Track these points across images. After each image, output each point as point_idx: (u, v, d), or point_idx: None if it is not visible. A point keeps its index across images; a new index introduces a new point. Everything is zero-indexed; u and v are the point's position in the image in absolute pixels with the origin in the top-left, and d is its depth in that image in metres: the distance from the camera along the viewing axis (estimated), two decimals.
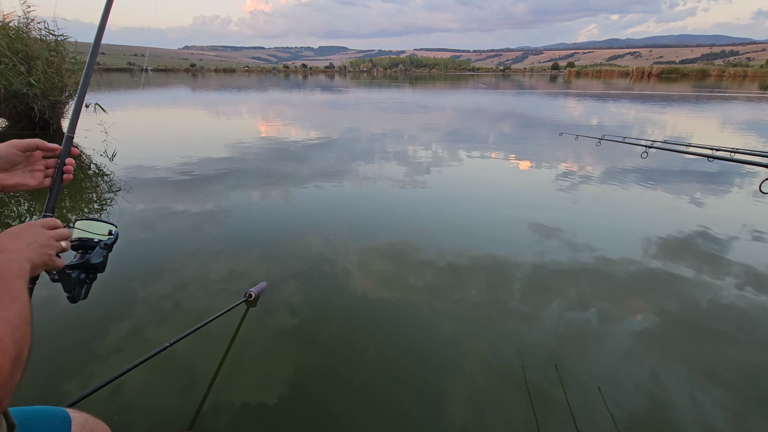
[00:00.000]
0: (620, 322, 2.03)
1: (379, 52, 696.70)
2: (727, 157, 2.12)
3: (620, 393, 1.57)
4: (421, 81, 50.15)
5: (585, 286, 2.36)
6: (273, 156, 5.89)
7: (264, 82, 39.08)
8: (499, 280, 2.42)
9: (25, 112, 6.78)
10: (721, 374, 1.68)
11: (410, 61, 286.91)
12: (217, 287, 2.28)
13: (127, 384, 1.56)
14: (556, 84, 39.28)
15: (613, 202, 3.95)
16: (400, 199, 3.95)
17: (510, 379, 1.64)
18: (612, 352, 1.82)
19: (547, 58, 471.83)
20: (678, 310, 2.14)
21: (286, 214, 3.50)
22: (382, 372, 1.67)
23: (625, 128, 9.05)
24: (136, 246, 2.82)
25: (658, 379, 1.65)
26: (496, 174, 5.00)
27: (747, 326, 2.01)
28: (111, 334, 1.87)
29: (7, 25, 6.64)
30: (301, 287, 2.30)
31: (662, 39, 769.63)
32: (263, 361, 1.73)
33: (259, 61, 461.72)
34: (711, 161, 2.34)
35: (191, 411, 1.46)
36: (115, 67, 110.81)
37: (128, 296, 2.18)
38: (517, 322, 2.01)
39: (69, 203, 3.77)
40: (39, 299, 2.14)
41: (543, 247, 2.85)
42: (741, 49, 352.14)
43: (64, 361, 1.70)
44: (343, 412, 1.48)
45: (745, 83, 37.15)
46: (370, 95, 21.72)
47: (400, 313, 2.09)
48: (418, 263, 2.61)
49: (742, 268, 2.58)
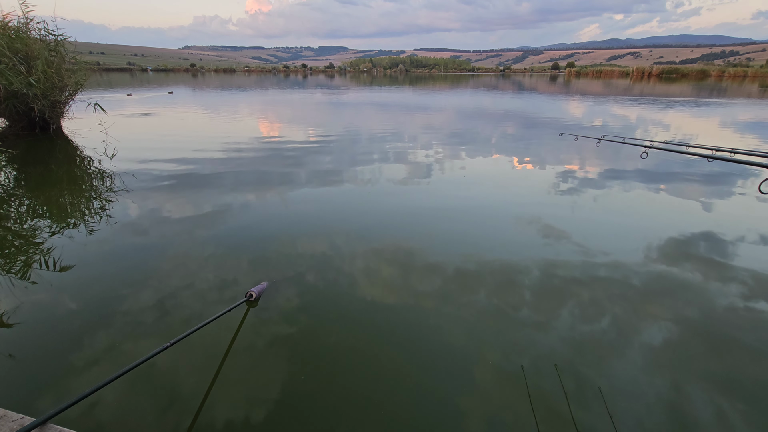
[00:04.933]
0: (636, 329, 1.99)
1: (380, 52, 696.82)
2: (727, 158, 2.12)
3: (638, 404, 1.55)
4: (421, 81, 50.12)
5: (594, 290, 2.33)
6: (275, 157, 5.89)
7: (264, 82, 39.06)
8: (506, 283, 2.41)
9: (25, 112, 6.77)
10: (732, 381, 1.69)
11: (410, 61, 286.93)
12: (218, 288, 2.28)
13: (132, 384, 1.56)
14: (556, 84, 39.26)
15: (614, 203, 3.94)
16: (402, 200, 3.95)
17: (519, 386, 1.61)
18: (630, 361, 1.78)
19: (547, 58, 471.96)
20: (698, 316, 2.10)
21: (287, 215, 3.50)
22: (387, 375, 1.67)
23: (625, 128, 9.05)
24: (137, 247, 2.82)
25: (685, 394, 1.60)
26: (496, 175, 5.00)
27: (746, 325, 2.01)
28: (111, 335, 1.87)
29: (6, 25, 6.64)
30: (302, 288, 2.30)
31: (662, 39, 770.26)
32: (264, 361, 1.73)
33: (259, 61, 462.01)
34: (710, 161, 2.35)
35: (192, 411, 1.46)
36: (115, 67, 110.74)
37: (129, 296, 2.18)
38: (526, 328, 1.99)
39: (69, 204, 3.77)
40: (38, 299, 2.14)
41: (549, 250, 2.83)
42: (741, 50, 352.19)
43: (64, 361, 1.70)
44: (346, 416, 1.47)
45: (745, 83, 37.14)
46: (371, 95, 21.72)
47: (404, 315, 2.08)
48: (421, 265, 2.61)
49: (745, 272, 2.58)
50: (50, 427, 1.01)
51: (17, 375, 1.63)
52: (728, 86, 31.60)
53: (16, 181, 4.54)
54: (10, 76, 6.27)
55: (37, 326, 1.93)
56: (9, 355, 1.73)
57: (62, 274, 2.41)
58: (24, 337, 1.85)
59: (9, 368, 1.66)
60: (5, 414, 1.02)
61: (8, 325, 1.93)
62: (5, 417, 1.01)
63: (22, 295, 2.17)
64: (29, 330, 1.90)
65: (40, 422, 1.00)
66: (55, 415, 1.04)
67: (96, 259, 2.61)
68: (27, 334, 1.88)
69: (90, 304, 2.10)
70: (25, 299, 2.13)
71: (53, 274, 2.41)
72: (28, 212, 3.53)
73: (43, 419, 1.01)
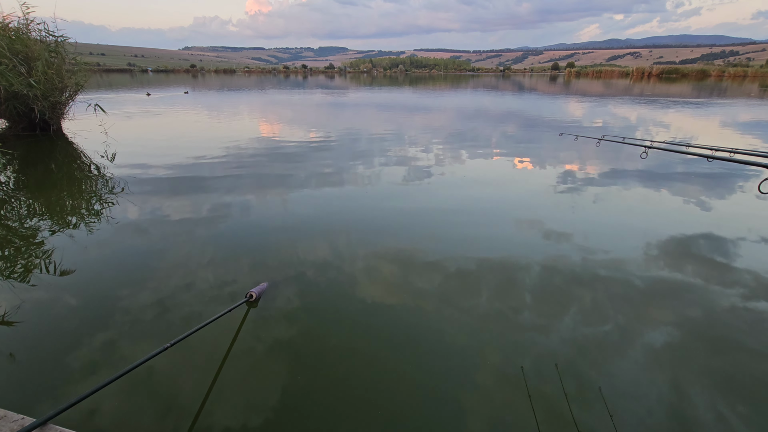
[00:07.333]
0: (636, 329, 1.99)
1: (379, 53, 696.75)
2: (727, 158, 2.13)
3: (638, 404, 1.55)
4: (421, 81, 50.13)
5: (594, 290, 2.33)
6: (276, 157, 5.89)
7: (264, 83, 39.08)
8: (506, 284, 2.41)
9: (25, 113, 6.79)
10: (733, 381, 1.68)
11: (410, 61, 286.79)
12: (218, 288, 2.28)
13: (132, 385, 1.56)
14: (556, 84, 39.27)
15: (615, 203, 3.94)
16: (403, 201, 3.95)
17: (520, 386, 1.61)
18: (631, 361, 1.78)
19: (547, 58, 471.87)
20: (698, 316, 2.10)
21: (287, 216, 3.50)
22: (388, 376, 1.67)
23: (625, 129, 9.04)
24: (137, 247, 2.82)
25: (686, 395, 1.60)
26: (496, 175, 5.00)
27: (746, 325, 2.01)
28: (112, 335, 1.87)
29: (7, 26, 6.65)
30: (303, 288, 2.30)
31: (662, 39, 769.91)
32: (264, 362, 1.73)
33: (259, 61, 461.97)
34: (710, 161, 2.35)
35: (191, 411, 1.46)
36: (116, 68, 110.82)
37: (129, 297, 2.18)
38: (526, 328, 1.99)
39: (69, 205, 3.78)
40: (39, 299, 2.14)
41: (549, 250, 2.84)
42: (741, 50, 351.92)
43: (65, 361, 1.70)
44: (346, 416, 1.47)
45: (745, 83, 37.13)
46: (371, 96, 21.72)
47: (405, 316, 2.09)
48: (422, 265, 2.61)
49: (745, 272, 2.58)
50: (50, 427, 1.01)
51: (18, 376, 1.63)
52: (728, 86, 31.58)
53: (16, 182, 4.54)
54: (10, 78, 6.28)
55: (37, 327, 1.93)
56: (9, 355, 1.73)
57: (62, 274, 2.41)
58: (24, 338, 1.85)
59: (9, 369, 1.66)
60: (6, 414, 1.03)
61: (9, 326, 1.93)
62: (6, 417, 1.02)
63: (23, 296, 2.17)
64: (30, 330, 1.90)
65: (41, 423, 1.00)
66: (55, 416, 1.04)
67: (96, 260, 2.61)
68: (27, 334, 1.88)
69: (90, 305, 2.10)
70: (25, 300, 2.14)
71: (53, 274, 2.41)
72: (28, 213, 3.54)
73: (43, 420, 1.01)
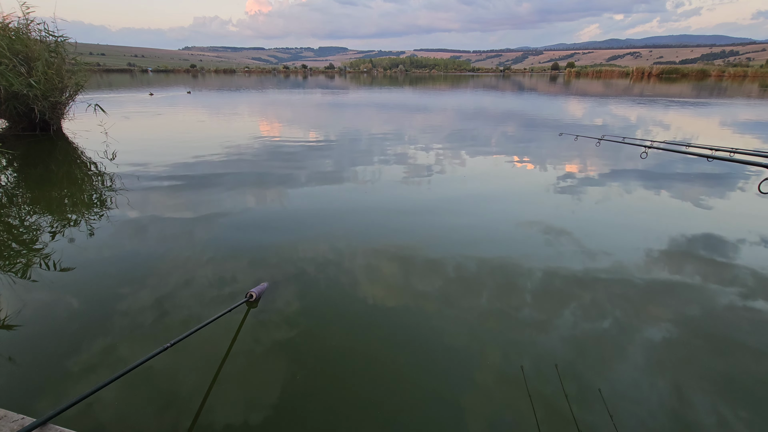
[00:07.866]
0: (636, 329, 1.99)
1: (379, 53, 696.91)
2: (727, 157, 2.13)
3: (638, 404, 1.54)
4: (421, 81, 50.14)
5: (594, 290, 2.33)
6: (276, 157, 5.89)
7: (264, 83, 39.09)
8: (506, 284, 2.41)
9: (25, 113, 6.79)
10: (733, 381, 1.68)
11: (410, 61, 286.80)
12: (218, 288, 2.28)
13: (132, 385, 1.56)
14: (555, 84, 39.27)
15: (614, 203, 3.94)
16: (403, 201, 3.95)
17: (520, 386, 1.61)
18: (631, 361, 1.78)
19: (547, 58, 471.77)
20: (698, 316, 2.09)
21: (287, 215, 3.50)
22: (388, 376, 1.67)
23: (625, 128, 9.04)
24: (137, 247, 2.82)
25: (686, 395, 1.60)
26: (497, 175, 5.00)
27: (746, 325, 2.01)
28: (112, 335, 1.87)
29: (7, 26, 6.65)
30: (303, 288, 2.30)
31: (662, 39, 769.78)
32: (264, 362, 1.73)
33: (259, 61, 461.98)
34: (710, 161, 2.35)
35: (191, 411, 1.46)
36: (116, 68, 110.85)
37: (129, 297, 2.18)
38: (526, 328, 1.99)
39: (69, 205, 3.78)
40: (39, 300, 2.14)
41: (549, 250, 2.83)
42: (741, 49, 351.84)
43: (64, 361, 1.70)
44: (346, 417, 1.47)
45: (745, 83, 37.14)
46: (371, 96, 21.73)
47: (405, 316, 2.09)
48: (422, 265, 2.61)
49: (745, 272, 2.58)
50: (50, 427, 1.01)
51: (18, 376, 1.63)
52: (728, 86, 31.58)
53: (16, 182, 4.55)
54: (10, 78, 6.28)
55: (37, 327, 1.93)
56: (9, 356, 1.73)
57: (62, 275, 2.41)
58: (24, 338, 1.85)
59: (9, 369, 1.66)
60: (6, 414, 1.03)
61: (9, 326, 1.93)
62: (6, 417, 1.02)
63: (23, 296, 2.17)
64: (29, 330, 1.90)
65: (41, 423, 1.00)
66: (55, 416, 1.04)
67: (96, 260, 2.61)
68: (27, 334, 1.88)
69: (90, 305, 2.10)
70: (25, 300, 2.14)
71: (53, 275, 2.41)
72: (28, 213, 3.53)
73: (43, 420, 1.01)
